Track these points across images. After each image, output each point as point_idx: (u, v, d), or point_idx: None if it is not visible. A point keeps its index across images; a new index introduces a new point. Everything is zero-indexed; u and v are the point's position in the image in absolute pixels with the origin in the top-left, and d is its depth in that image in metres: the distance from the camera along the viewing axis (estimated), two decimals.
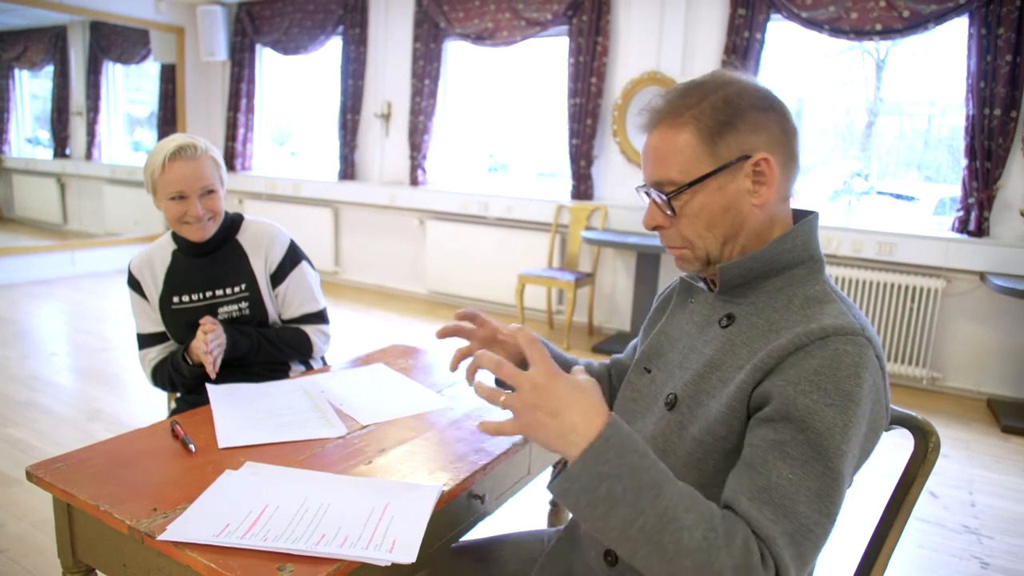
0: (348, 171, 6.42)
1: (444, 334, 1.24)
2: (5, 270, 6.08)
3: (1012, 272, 3.97)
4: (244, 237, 1.93)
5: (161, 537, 1.01)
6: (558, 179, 6.02)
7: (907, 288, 4.24)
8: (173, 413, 1.90)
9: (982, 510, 2.86)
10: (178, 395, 1.96)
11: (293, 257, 1.96)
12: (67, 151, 7.71)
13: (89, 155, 7.62)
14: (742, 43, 4.54)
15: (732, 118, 0.96)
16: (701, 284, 1.14)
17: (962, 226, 4.16)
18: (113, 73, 7.62)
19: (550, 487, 0.84)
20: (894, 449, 1.94)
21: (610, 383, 1.38)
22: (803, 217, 1.05)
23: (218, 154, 1.84)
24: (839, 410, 0.85)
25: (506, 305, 5.68)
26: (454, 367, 1.22)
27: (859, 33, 4.24)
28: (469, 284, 5.86)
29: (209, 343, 1.70)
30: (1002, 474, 3.19)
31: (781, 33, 4.67)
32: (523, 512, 2.56)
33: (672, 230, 1.03)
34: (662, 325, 1.17)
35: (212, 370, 1.70)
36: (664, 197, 1.00)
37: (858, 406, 0.86)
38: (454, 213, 5.91)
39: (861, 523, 2.54)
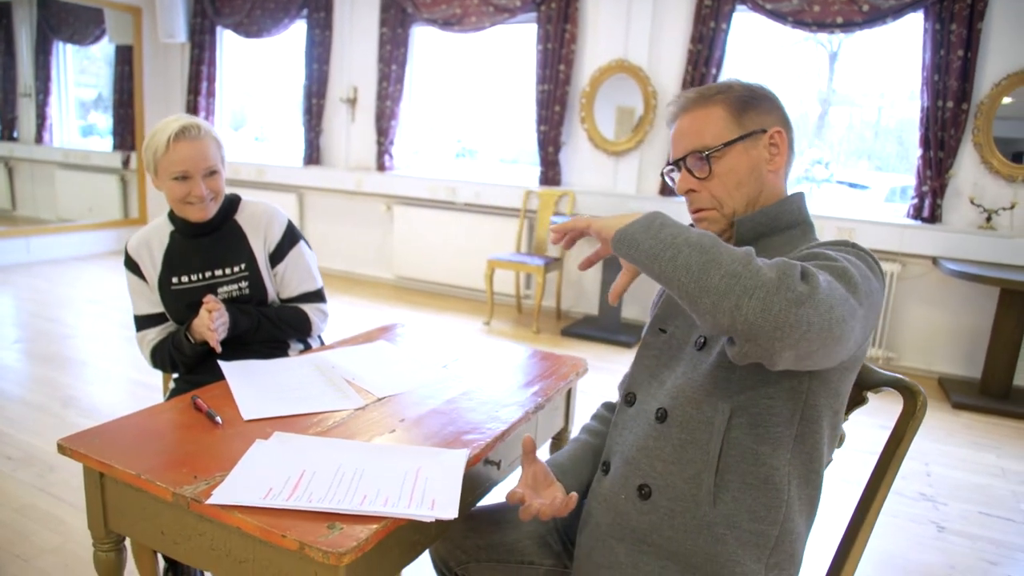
0: (313, 156, 6.38)
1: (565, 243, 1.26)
2: None
3: (962, 257, 4.18)
4: (242, 217, 1.95)
5: (209, 501, 1.05)
6: (520, 166, 6.08)
7: None
8: (173, 393, 1.92)
9: (936, 479, 3.04)
10: (175, 375, 1.97)
11: (291, 237, 1.99)
12: (15, 134, 7.47)
13: (40, 139, 7.39)
14: (708, 32, 4.66)
15: (754, 100, 1.19)
16: None
17: (916, 213, 4.36)
18: (64, 54, 7.40)
19: (614, 239, 1.01)
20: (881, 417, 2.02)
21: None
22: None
23: (219, 135, 1.86)
24: (853, 253, 1.04)
25: (475, 290, 5.74)
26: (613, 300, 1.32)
27: (821, 25, 4.39)
28: (437, 269, 5.90)
29: (214, 321, 1.73)
30: (954, 446, 3.38)
31: (745, 24, 4.80)
32: None
33: (703, 192, 1.19)
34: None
35: (216, 345, 1.72)
36: (704, 157, 1.17)
37: (865, 262, 1.03)
38: (422, 199, 5.93)
39: (851, 485, 2.69)
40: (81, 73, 7.67)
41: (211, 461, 1.19)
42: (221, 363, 1.65)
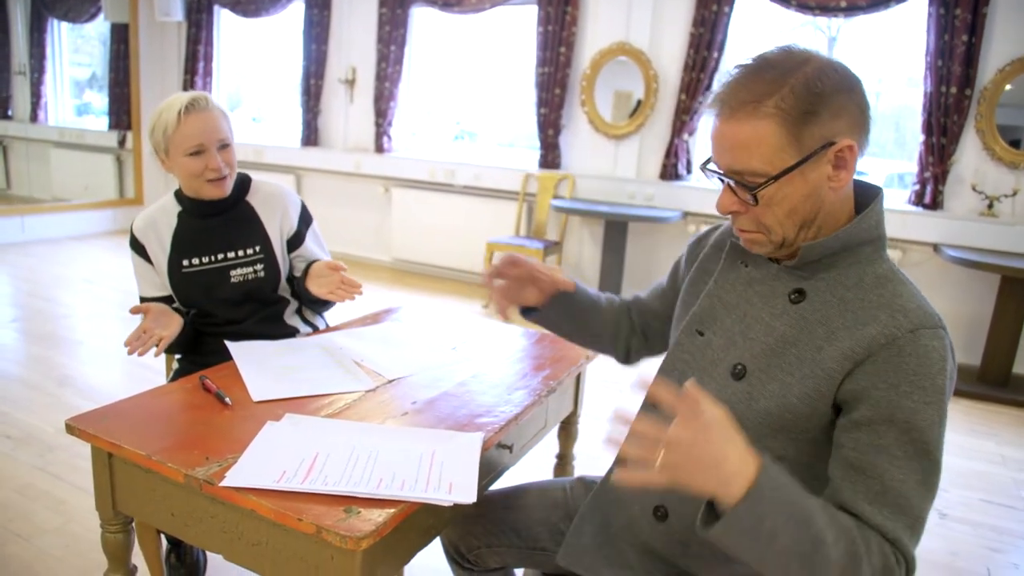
0: (311, 137, 6.32)
1: (489, 277, 1.32)
2: None
3: (964, 243, 4.17)
4: (255, 199, 1.91)
5: (223, 484, 1.04)
6: (521, 149, 6.04)
7: None
8: (177, 373, 1.90)
9: None
10: (178, 356, 1.95)
11: (306, 218, 1.97)
12: (9, 112, 7.39)
13: (34, 117, 7.30)
14: (710, 16, 4.62)
15: (816, 106, 0.95)
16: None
17: (918, 199, 4.35)
18: (59, 31, 7.30)
19: (708, 532, 0.86)
20: None
21: (630, 321, 1.43)
22: (861, 189, 1.08)
23: (225, 108, 1.82)
24: (936, 406, 0.93)
25: (473, 273, 5.71)
26: (503, 315, 1.31)
27: (824, 9, 4.35)
28: (436, 252, 5.86)
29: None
30: (953, 433, 3.39)
31: (747, 6, 4.75)
32: (532, 464, 2.63)
33: (747, 216, 1.03)
34: (713, 288, 1.16)
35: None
36: (748, 188, 0.99)
37: (946, 396, 0.95)
38: (420, 181, 5.88)
39: None
40: (75, 52, 7.57)
41: (222, 443, 1.17)
42: (228, 344, 1.62)
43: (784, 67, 0.97)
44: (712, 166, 1.04)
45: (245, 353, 1.58)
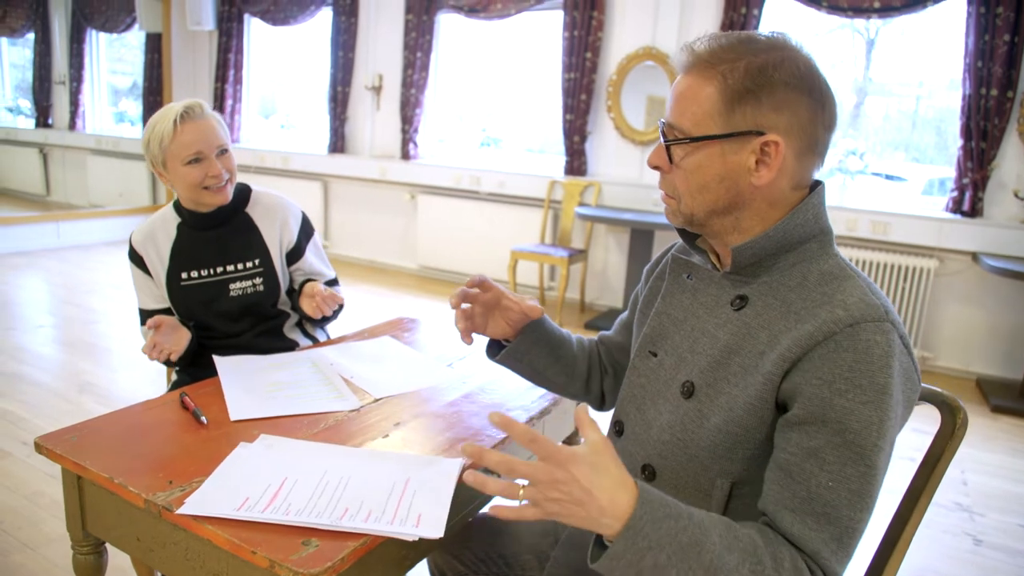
0: (338, 144, 6.34)
1: (458, 300, 1.22)
2: None
3: (1005, 252, 4.00)
4: (254, 210, 1.87)
5: (180, 511, 0.99)
6: (547, 155, 5.98)
7: (900, 268, 4.26)
8: (175, 385, 1.87)
9: (974, 488, 2.90)
10: (177, 368, 1.93)
11: (307, 230, 1.93)
12: (49, 121, 7.56)
13: (73, 125, 7.47)
14: (739, 19, 4.51)
15: (759, 89, 0.90)
16: (697, 259, 1.09)
17: (956, 206, 4.18)
18: (97, 41, 7.45)
19: (593, 565, 0.82)
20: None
21: (600, 361, 1.34)
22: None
23: (220, 116, 1.80)
24: (874, 406, 0.85)
25: (498, 281, 5.63)
26: (461, 326, 1.22)
27: (856, 10, 4.22)
28: (460, 259, 5.83)
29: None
30: (992, 453, 3.23)
31: (778, 10, 4.63)
32: None
33: (668, 177, 1.00)
34: (661, 305, 1.11)
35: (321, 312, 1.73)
36: (666, 141, 0.97)
37: (891, 396, 0.86)
38: (446, 188, 5.86)
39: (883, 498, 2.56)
40: (118, 61, 7.73)
41: (191, 464, 1.13)
42: (216, 359, 1.59)
43: (756, 47, 0.93)
44: (662, 121, 1.00)
45: (232, 369, 1.54)
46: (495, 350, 1.29)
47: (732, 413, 0.94)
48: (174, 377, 1.96)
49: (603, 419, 1.13)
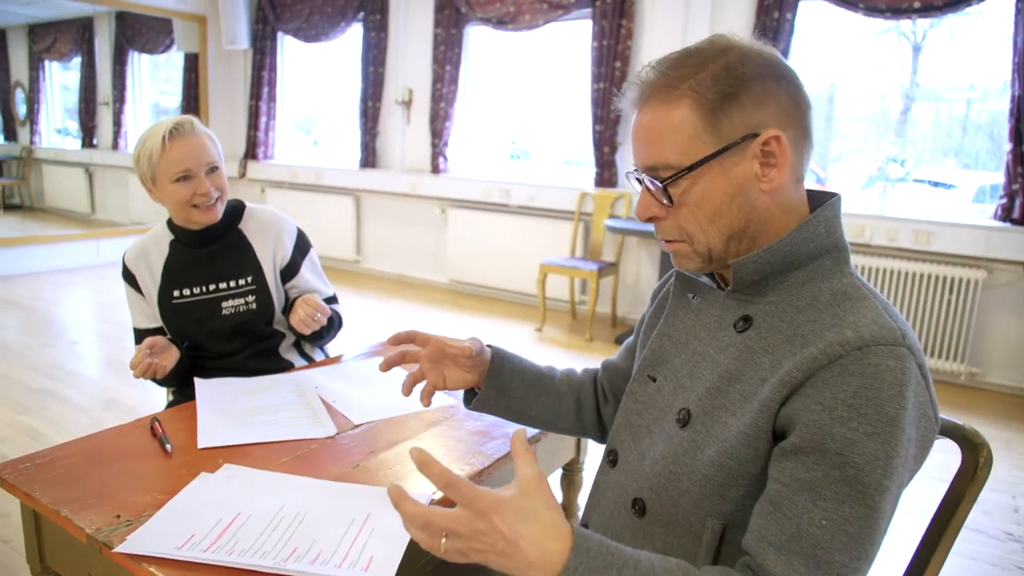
0: (369, 159, 6.35)
1: (388, 366, 1.14)
2: (31, 258, 6.12)
3: None
4: (248, 227, 1.83)
5: (119, 548, 0.93)
6: (581, 167, 5.89)
7: (945, 279, 4.05)
8: (170, 405, 1.84)
9: None
10: (174, 388, 1.89)
11: (302, 247, 1.88)
12: (94, 141, 7.76)
13: (115, 145, 7.65)
14: (772, 24, 4.37)
15: (736, 89, 0.83)
16: (704, 278, 1.00)
17: (1005, 214, 3.96)
18: (139, 63, 7.63)
19: None
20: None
21: (599, 390, 1.24)
22: (822, 201, 0.91)
23: (212, 132, 1.76)
24: (881, 439, 0.74)
25: (527, 295, 5.58)
26: (407, 393, 1.14)
27: (896, 11, 4.05)
28: (490, 273, 5.76)
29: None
30: None
31: (814, 14, 4.48)
32: None
33: (669, 221, 0.89)
34: (664, 327, 1.03)
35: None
36: (659, 184, 0.86)
37: (902, 431, 0.75)
38: (476, 201, 5.81)
39: (897, 544, 2.40)
40: (165, 82, 7.91)
41: (144, 496, 1.07)
42: (197, 381, 1.54)
43: (705, 54, 0.86)
44: (634, 171, 0.91)
45: (212, 391, 1.49)
46: (470, 398, 1.21)
47: (725, 444, 0.85)
48: (170, 397, 1.92)
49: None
